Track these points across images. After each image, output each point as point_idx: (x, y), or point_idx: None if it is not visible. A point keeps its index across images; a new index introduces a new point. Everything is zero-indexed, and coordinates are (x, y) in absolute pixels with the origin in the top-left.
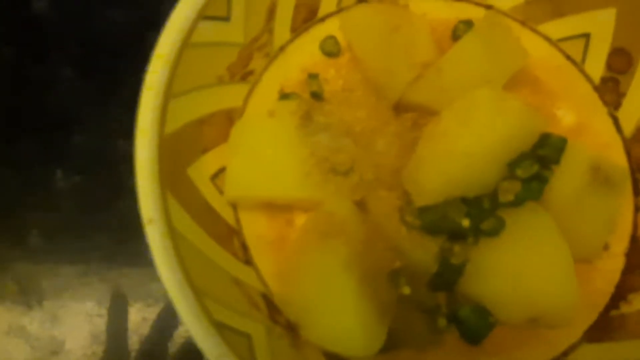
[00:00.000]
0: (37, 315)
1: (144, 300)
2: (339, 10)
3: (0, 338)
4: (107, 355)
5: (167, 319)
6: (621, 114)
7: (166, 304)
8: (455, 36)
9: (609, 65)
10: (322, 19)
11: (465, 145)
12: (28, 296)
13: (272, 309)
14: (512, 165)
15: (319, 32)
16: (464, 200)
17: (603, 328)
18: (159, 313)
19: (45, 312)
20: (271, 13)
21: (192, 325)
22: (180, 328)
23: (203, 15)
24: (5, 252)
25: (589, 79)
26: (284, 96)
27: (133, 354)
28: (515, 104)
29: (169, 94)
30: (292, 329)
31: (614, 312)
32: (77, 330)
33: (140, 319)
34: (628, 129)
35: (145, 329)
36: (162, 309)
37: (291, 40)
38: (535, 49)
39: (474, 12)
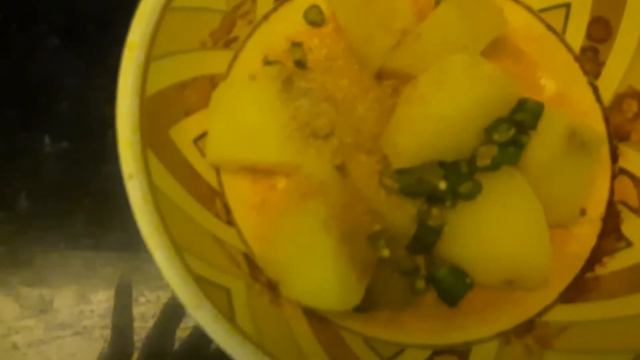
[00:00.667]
0: (26, 276)
1: (128, 262)
2: None
3: None
4: (94, 313)
5: (150, 279)
6: (600, 82)
7: (148, 265)
8: (438, 2)
9: (589, 35)
10: None
11: (440, 109)
12: (16, 258)
13: (252, 267)
14: (489, 129)
15: (302, 1)
16: (442, 164)
17: (578, 290)
18: (143, 272)
19: (34, 273)
20: None
21: (170, 276)
22: (159, 290)
23: None
24: None
25: (569, 48)
26: (268, 64)
27: (119, 312)
28: (490, 69)
29: (149, 56)
30: (272, 287)
31: (589, 275)
32: (64, 291)
33: (127, 280)
34: (607, 97)
35: (126, 287)
36: (146, 269)
37: (275, 9)
38: (517, 19)
39: None
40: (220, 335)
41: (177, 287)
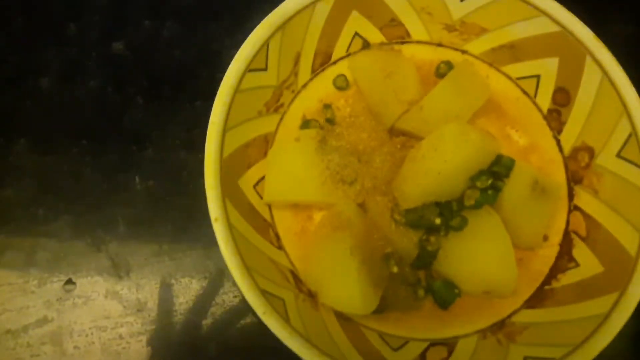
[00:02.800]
0: (126, 284)
1: (202, 273)
2: (348, 54)
3: (101, 300)
4: (177, 312)
5: (218, 287)
6: (562, 137)
7: (217, 276)
8: (438, 73)
9: (554, 100)
10: (335, 62)
11: (437, 166)
12: (119, 269)
13: (297, 281)
14: (473, 178)
15: (332, 72)
16: (438, 204)
17: (538, 298)
18: (212, 283)
19: (132, 281)
20: (296, 61)
21: (246, 291)
22: (225, 295)
23: (249, 69)
24: (101, 237)
25: (539, 109)
26: (306, 122)
27: (193, 309)
28: (475, 135)
29: (225, 128)
30: (312, 296)
31: (547, 287)
32: (154, 295)
33: (198, 287)
34: (567, 149)
35: (200, 293)
36: (214, 280)
37: (311, 79)
38: (499, 84)
39: (452, 55)
40: (282, 333)
41: (250, 298)
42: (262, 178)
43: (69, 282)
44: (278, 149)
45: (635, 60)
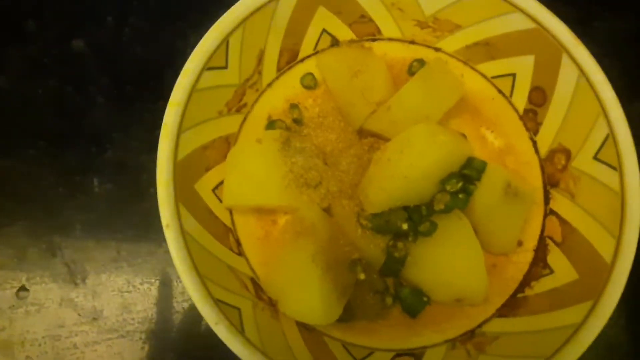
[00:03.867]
0: (82, 291)
1: (162, 280)
2: (316, 52)
3: (55, 308)
4: (135, 321)
5: (178, 294)
6: (539, 138)
7: (178, 283)
8: (411, 72)
9: (530, 99)
10: (302, 60)
11: (403, 170)
12: (75, 276)
13: (258, 289)
14: (443, 181)
15: (299, 70)
16: (406, 208)
17: (510, 307)
18: (172, 290)
19: (88, 289)
20: (260, 59)
21: (197, 299)
22: (186, 302)
23: (207, 67)
24: (57, 242)
25: (515, 109)
26: (271, 122)
27: (152, 317)
28: (444, 136)
29: (180, 130)
30: (272, 305)
31: (520, 295)
32: (111, 302)
33: (158, 294)
34: (543, 151)
35: (160, 300)
36: (175, 287)
37: (277, 78)
38: (474, 83)
39: (426, 53)
40: (234, 345)
41: (201, 307)
42: (222, 182)
43: (22, 289)
44: (238, 151)
45: (620, 56)
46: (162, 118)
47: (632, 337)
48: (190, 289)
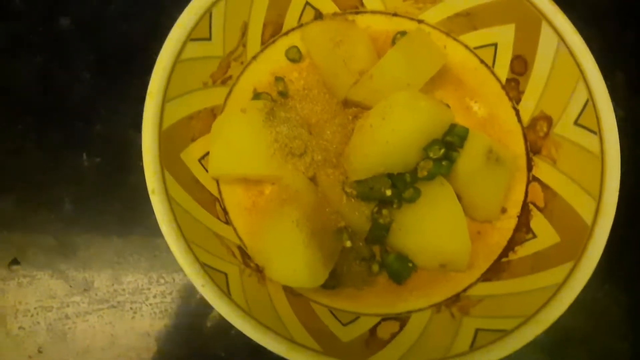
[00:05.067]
0: (72, 263)
1: (151, 252)
2: (300, 25)
3: (46, 280)
4: (125, 291)
5: (167, 265)
6: (521, 107)
7: (167, 254)
8: (394, 44)
9: (512, 69)
10: (286, 33)
11: (385, 135)
12: (65, 248)
13: (245, 256)
14: (426, 148)
15: (284, 43)
16: (390, 176)
17: (494, 271)
18: (161, 261)
19: (79, 260)
20: (244, 31)
21: (183, 262)
22: (175, 273)
23: (190, 38)
24: (46, 217)
25: (497, 78)
26: (257, 95)
27: (141, 288)
28: (425, 103)
29: (164, 99)
30: (259, 271)
31: (504, 259)
32: (102, 273)
33: (147, 265)
34: (525, 119)
35: (149, 271)
36: (164, 258)
37: (261, 51)
38: (457, 54)
39: (409, 25)
40: (219, 306)
41: (188, 271)
42: (208, 152)
43: (14, 262)
44: (223, 121)
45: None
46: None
47: (615, 302)
48: (176, 252)
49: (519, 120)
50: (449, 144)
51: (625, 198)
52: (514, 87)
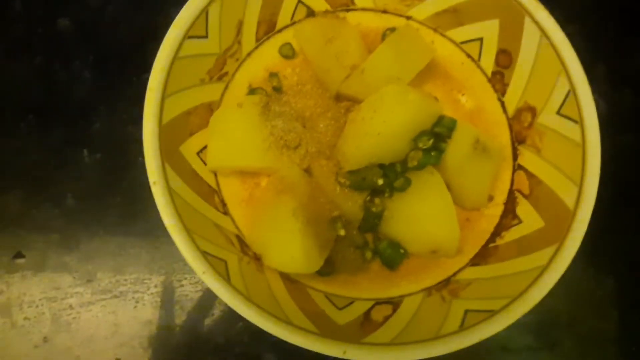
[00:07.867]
0: (76, 255)
1: (152, 244)
2: (293, 23)
3: (50, 272)
4: (127, 282)
5: (167, 256)
6: (506, 99)
7: (166, 246)
8: (384, 40)
9: (497, 62)
10: (280, 30)
11: (376, 127)
12: (68, 241)
13: (243, 245)
14: (415, 139)
15: (277, 40)
16: (382, 166)
17: (482, 256)
18: (161, 252)
19: (82, 253)
20: (239, 29)
21: (185, 251)
22: (175, 264)
23: (188, 36)
24: (49, 212)
25: (483, 72)
26: (252, 91)
27: (143, 278)
28: (414, 96)
29: (164, 95)
30: (257, 259)
31: (491, 245)
32: (104, 265)
33: (149, 257)
34: (510, 110)
35: (150, 262)
36: (164, 249)
37: (256, 47)
38: (444, 49)
39: (398, 21)
40: (220, 291)
41: (189, 259)
42: (206, 146)
43: (19, 255)
44: (220, 115)
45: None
46: (145, 90)
47: (599, 285)
48: (177, 240)
49: (505, 111)
50: (437, 135)
51: (608, 184)
52: (499, 80)
